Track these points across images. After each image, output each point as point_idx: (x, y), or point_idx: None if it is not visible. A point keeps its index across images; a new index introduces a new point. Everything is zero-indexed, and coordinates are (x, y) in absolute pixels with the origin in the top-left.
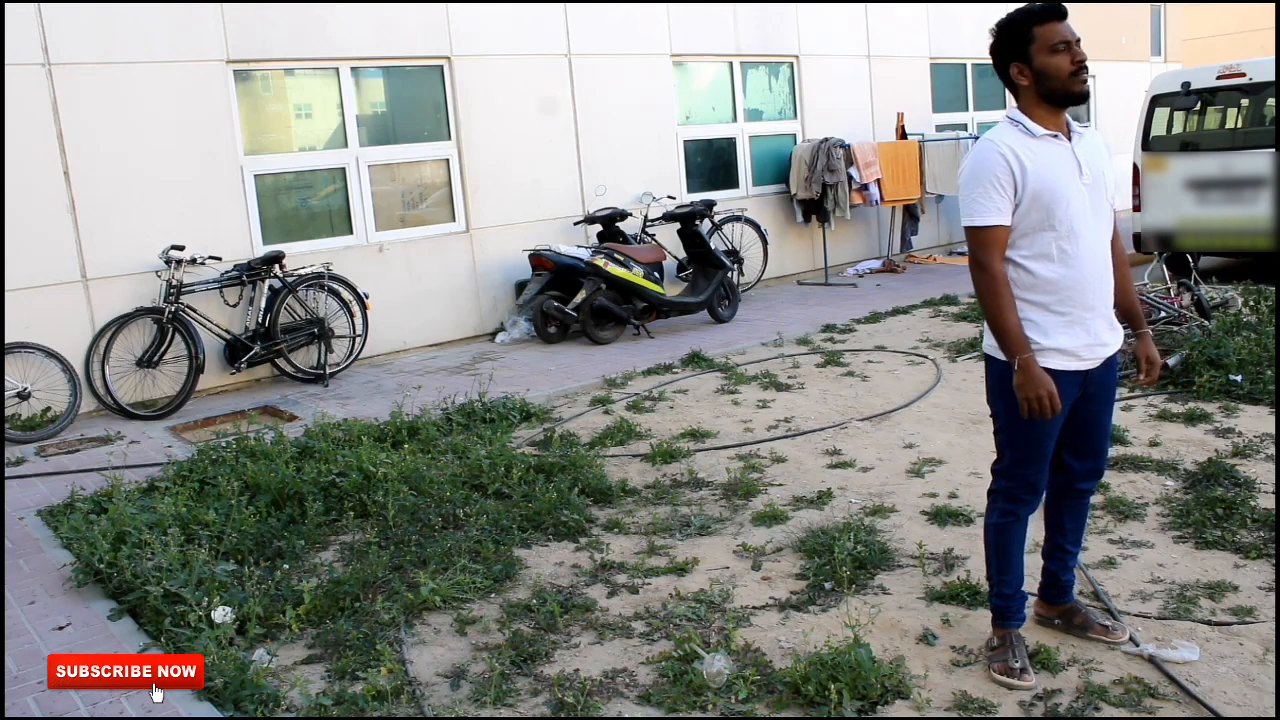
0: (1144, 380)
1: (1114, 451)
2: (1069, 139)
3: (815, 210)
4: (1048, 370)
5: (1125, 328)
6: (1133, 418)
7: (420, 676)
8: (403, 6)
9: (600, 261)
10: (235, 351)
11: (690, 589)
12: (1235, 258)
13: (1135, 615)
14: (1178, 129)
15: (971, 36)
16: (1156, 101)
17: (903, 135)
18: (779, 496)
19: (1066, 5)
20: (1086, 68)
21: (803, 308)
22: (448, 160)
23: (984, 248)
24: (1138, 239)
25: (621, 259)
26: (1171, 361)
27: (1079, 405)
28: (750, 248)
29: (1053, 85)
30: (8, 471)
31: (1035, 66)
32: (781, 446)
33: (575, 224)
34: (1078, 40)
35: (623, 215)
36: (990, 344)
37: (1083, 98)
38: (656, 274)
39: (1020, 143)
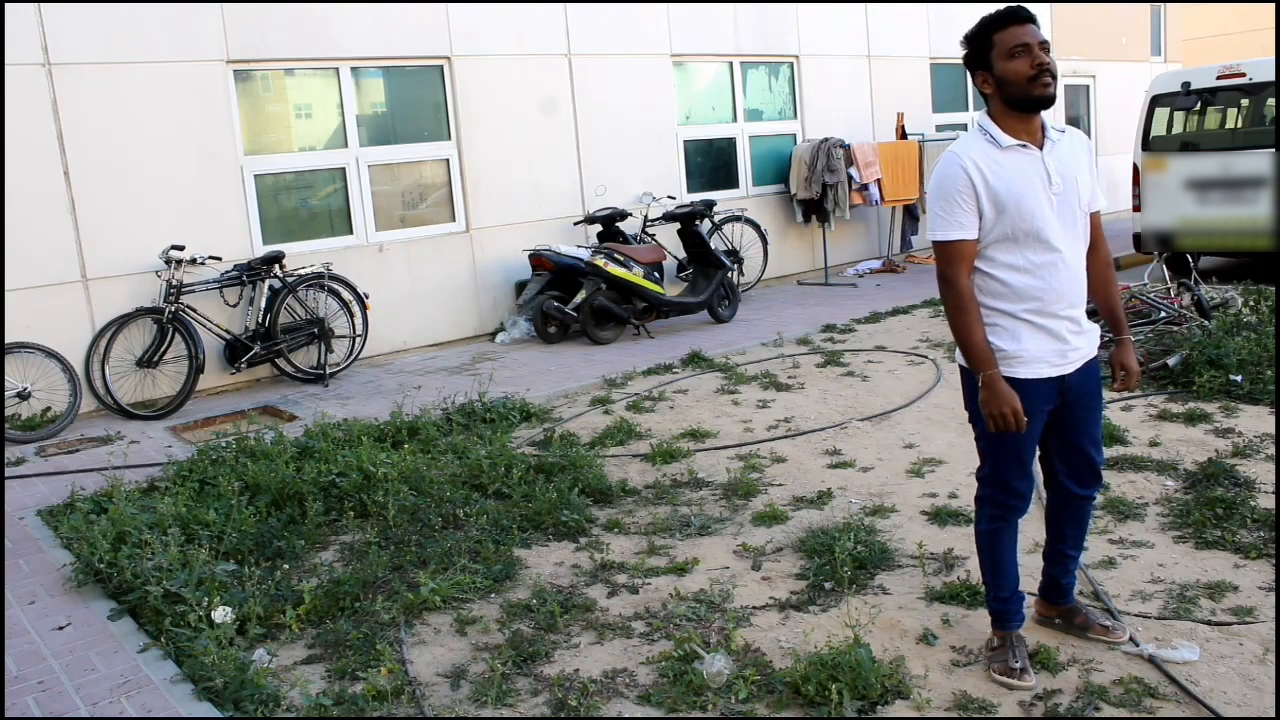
0: (1117, 387)
1: (1114, 451)
2: (1041, 147)
3: (815, 210)
4: (1021, 380)
5: (1106, 332)
6: (1133, 418)
7: (420, 676)
8: (403, 6)
9: (600, 261)
10: (235, 351)
11: (690, 589)
12: (1235, 258)
13: (1135, 615)
14: (1178, 129)
15: None
16: (1156, 101)
17: (903, 135)
18: (779, 496)
19: (1065, 6)
20: (1050, 71)
21: (803, 308)
22: (448, 160)
23: (950, 262)
24: (1138, 239)
25: (621, 259)
26: (1171, 361)
27: (1061, 413)
28: (750, 248)
29: (1014, 91)
30: (8, 471)
31: (996, 73)
32: (781, 446)
33: (575, 224)
34: (1042, 44)
35: (623, 215)
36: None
37: (1045, 103)
38: (656, 274)
39: (985, 154)
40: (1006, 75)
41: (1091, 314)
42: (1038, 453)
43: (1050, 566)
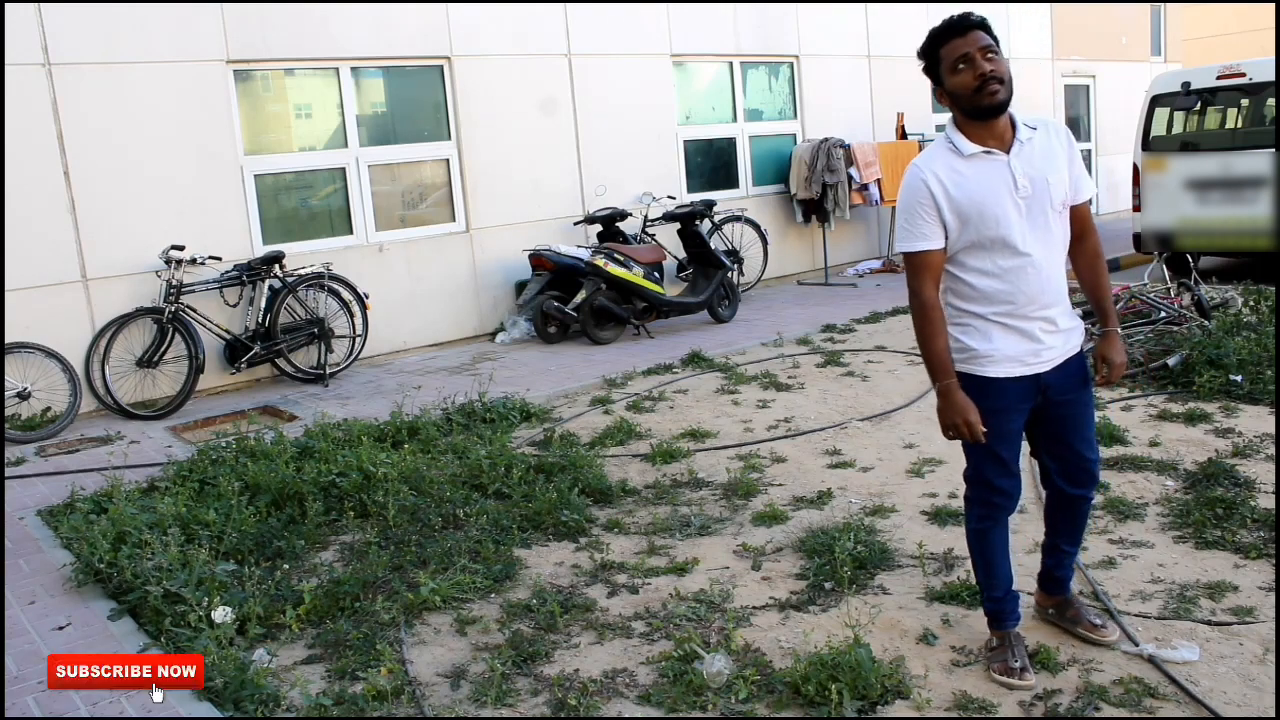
0: (1100, 381)
1: (1114, 451)
2: (1009, 150)
3: (815, 210)
4: (992, 378)
5: (1093, 324)
6: (1133, 418)
7: (420, 676)
8: (403, 6)
9: (600, 261)
10: (235, 351)
11: (690, 589)
12: (1235, 258)
13: (1135, 615)
14: (1178, 129)
15: None
16: (1156, 101)
17: (903, 135)
18: (779, 496)
19: (1065, 6)
20: (997, 77)
21: (803, 308)
22: (448, 160)
23: (916, 272)
24: (1138, 239)
25: (621, 259)
26: (1171, 361)
27: (1044, 410)
28: (750, 248)
29: (963, 103)
30: (8, 471)
31: (947, 88)
32: (781, 446)
33: (575, 224)
34: (985, 49)
35: (623, 215)
36: None
37: (997, 110)
38: (656, 274)
39: (948, 165)
40: (956, 89)
41: (1088, 315)
42: (1025, 449)
43: (1047, 559)
